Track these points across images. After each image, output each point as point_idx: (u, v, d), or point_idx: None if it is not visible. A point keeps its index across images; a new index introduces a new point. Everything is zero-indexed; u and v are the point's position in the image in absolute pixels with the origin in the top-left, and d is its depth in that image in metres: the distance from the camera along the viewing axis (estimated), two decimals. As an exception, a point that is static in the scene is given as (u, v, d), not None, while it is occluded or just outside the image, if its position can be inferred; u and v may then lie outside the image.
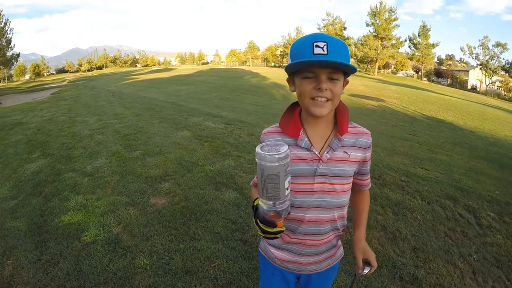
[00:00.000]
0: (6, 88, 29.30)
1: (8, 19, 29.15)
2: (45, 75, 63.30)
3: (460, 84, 46.19)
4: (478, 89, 43.48)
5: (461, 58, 68.74)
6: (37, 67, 62.24)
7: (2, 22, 28.47)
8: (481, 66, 44.70)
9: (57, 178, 3.72)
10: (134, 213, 2.81)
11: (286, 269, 1.07)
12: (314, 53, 0.80)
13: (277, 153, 0.75)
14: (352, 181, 1.01)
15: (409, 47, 45.45)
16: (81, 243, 2.36)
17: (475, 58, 45.03)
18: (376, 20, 41.07)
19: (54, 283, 1.95)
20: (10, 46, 29.92)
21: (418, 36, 43.57)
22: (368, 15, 41.84)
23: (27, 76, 60.92)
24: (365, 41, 42.62)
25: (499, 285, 2.12)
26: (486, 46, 43.38)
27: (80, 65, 75.81)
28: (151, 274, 2.02)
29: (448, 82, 49.06)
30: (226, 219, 2.72)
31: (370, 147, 0.98)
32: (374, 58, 42.50)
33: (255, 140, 5.38)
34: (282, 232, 0.85)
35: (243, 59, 71.28)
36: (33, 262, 2.15)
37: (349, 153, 0.94)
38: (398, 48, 43.82)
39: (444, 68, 60.62)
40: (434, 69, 54.74)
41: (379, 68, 45.81)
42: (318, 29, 46.60)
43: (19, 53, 33.40)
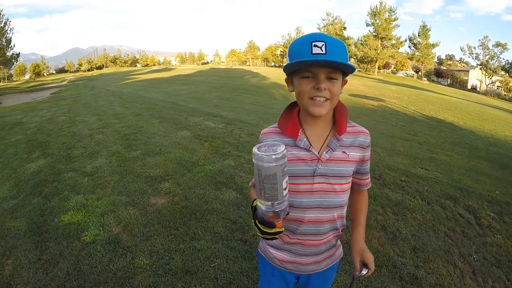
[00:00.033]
0: (6, 87, 29.27)
1: (8, 19, 29.17)
2: (45, 75, 63.21)
3: (460, 84, 46.20)
4: (478, 89, 43.49)
5: (461, 58, 68.81)
6: (37, 67, 62.18)
7: (2, 22, 28.48)
8: (481, 66, 44.71)
9: (57, 178, 3.72)
10: (134, 213, 2.81)
11: (285, 270, 1.07)
12: (313, 52, 0.80)
13: (274, 153, 0.75)
14: (352, 181, 1.01)
15: (409, 47, 45.52)
16: (81, 243, 2.36)
17: (475, 58, 45.07)
18: (376, 20, 41.06)
19: (54, 283, 1.95)
20: (10, 45, 29.95)
21: (418, 36, 43.58)
22: (368, 15, 41.88)
23: (27, 76, 60.85)
24: (365, 41, 42.62)
25: (499, 285, 2.12)
26: (486, 46, 43.40)
27: (80, 65, 75.74)
28: (151, 274, 2.02)
29: (448, 82, 49.06)
30: (226, 219, 2.72)
31: (369, 146, 0.98)
32: (374, 58, 42.50)
33: (255, 140, 5.39)
34: (281, 233, 0.85)
35: (243, 59, 71.28)
36: (33, 262, 2.15)
37: (348, 153, 0.94)
38: (398, 48, 43.85)
39: (444, 68, 60.66)
40: (434, 69, 54.76)
41: (379, 68, 45.81)
42: (318, 29, 46.59)
43: (19, 53, 33.42)
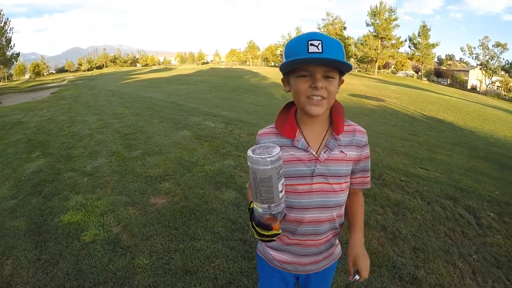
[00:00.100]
0: (6, 87, 29.25)
1: (8, 19, 29.21)
2: (45, 74, 63.15)
3: (460, 84, 46.22)
4: (478, 89, 43.50)
5: (461, 58, 68.84)
6: (37, 66, 62.16)
7: (2, 21, 28.51)
8: (481, 66, 44.74)
9: (56, 177, 3.72)
10: (133, 213, 2.81)
11: (285, 270, 1.07)
12: (309, 51, 0.79)
13: (269, 156, 0.73)
14: (352, 181, 1.01)
15: (409, 47, 45.56)
16: (80, 243, 2.36)
17: (475, 58, 45.11)
18: (376, 20, 41.08)
19: (53, 282, 1.95)
20: (10, 45, 29.99)
21: (418, 36, 43.60)
22: (368, 15, 41.92)
23: (27, 76, 60.81)
24: (365, 41, 42.65)
25: (498, 285, 2.12)
26: (486, 46, 43.44)
27: (80, 65, 75.70)
28: (150, 274, 2.02)
29: (448, 82, 49.08)
30: (226, 219, 2.71)
31: (366, 145, 0.97)
32: (374, 58, 42.53)
33: (255, 139, 5.36)
34: (278, 235, 0.84)
35: (243, 59, 71.27)
36: (33, 262, 2.15)
37: (345, 152, 0.94)
38: (398, 48, 43.88)
39: (444, 68, 60.66)
40: (434, 69, 54.77)
41: (379, 68, 45.83)
42: (318, 29, 46.58)
43: (19, 52, 33.45)
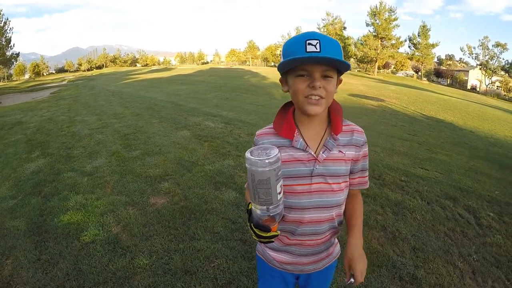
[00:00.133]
0: (5, 87, 29.25)
1: (7, 19, 29.20)
2: (45, 74, 63.14)
3: (459, 84, 46.23)
4: (478, 89, 43.51)
5: (461, 58, 68.84)
6: (36, 66, 62.15)
7: (2, 21, 28.51)
8: (481, 66, 44.78)
9: (56, 177, 3.72)
10: (133, 213, 2.81)
11: (285, 271, 1.07)
12: (307, 50, 0.79)
13: (267, 157, 0.72)
14: (352, 182, 1.01)
15: (409, 47, 45.59)
16: (80, 243, 2.36)
17: (475, 58, 45.17)
18: (376, 20, 41.09)
19: (53, 282, 1.95)
20: (9, 45, 29.98)
21: (418, 36, 43.62)
22: (368, 15, 41.92)
23: (26, 76, 60.79)
24: (365, 41, 42.65)
25: (498, 285, 2.12)
26: (486, 46, 43.50)
27: (80, 65, 75.66)
28: (150, 274, 2.02)
29: (448, 82, 49.09)
30: (225, 219, 2.71)
31: (364, 144, 0.97)
32: (374, 58, 42.53)
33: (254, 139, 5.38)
34: (276, 236, 0.84)
35: (243, 59, 71.26)
36: (33, 262, 2.15)
37: (344, 152, 0.93)
38: (398, 48, 43.89)
39: (444, 68, 60.68)
40: (434, 69, 54.80)
41: (379, 68, 45.83)
42: (318, 29, 46.57)
43: (19, 52, 33.43)
